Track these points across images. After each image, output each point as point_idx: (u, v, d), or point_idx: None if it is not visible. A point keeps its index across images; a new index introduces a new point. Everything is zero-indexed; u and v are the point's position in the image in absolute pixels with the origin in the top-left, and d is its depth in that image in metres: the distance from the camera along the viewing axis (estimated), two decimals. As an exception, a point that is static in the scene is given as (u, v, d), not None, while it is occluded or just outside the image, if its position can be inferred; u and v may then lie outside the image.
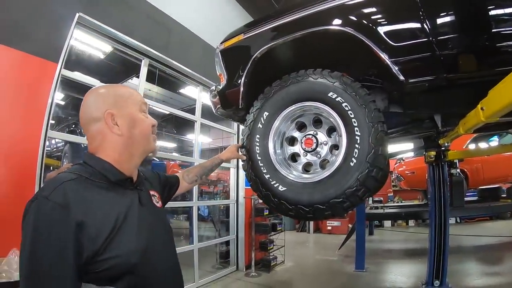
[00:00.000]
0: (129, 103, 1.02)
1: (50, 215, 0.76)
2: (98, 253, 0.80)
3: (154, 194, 1.16)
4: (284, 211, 1.58)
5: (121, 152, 0.98)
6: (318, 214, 1.48)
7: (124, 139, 0.98)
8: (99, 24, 3.33)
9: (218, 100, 2.04)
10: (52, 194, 0.79)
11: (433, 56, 1.37)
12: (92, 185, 0.89)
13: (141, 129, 1.02)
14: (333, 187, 1.44)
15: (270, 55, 1.79)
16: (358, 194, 1.41)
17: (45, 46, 2.84)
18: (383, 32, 1.45)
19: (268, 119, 1.70)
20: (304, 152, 1.69)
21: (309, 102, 1.62)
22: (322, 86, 1.56)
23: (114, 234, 0.84)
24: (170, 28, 4.34)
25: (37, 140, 2.71)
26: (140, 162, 1.07)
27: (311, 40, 1.66)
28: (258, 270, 5.44)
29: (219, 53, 2.03)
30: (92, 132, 0.97)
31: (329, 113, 1.56)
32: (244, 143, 1.78)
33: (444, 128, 2.08)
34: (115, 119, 0.96)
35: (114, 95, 1.01)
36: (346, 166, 1.43)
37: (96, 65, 4.91)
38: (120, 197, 0.94)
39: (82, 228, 0.78)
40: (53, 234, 0.75)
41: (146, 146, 1.05)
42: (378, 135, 1.40)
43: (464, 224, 9.42)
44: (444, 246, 3.96)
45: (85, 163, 0.95)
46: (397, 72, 1.42)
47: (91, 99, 1.00)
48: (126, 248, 0.85)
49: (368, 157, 1.39)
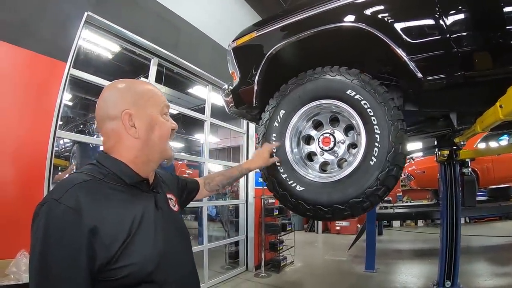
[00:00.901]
0: (149, 103, 0.94)
1: (61, 219, 0.72)
2: (112, 260, 0.75)
3: (171, 197, 1.11)
4: (302, 212, 1.56)
5: (137, 155, 0.91)
6: (337, 214, 1.46)
7: (140, 142, 0.91)
8: (108, 23, 3.33)
9: (231, 99, 2.01)
10: (64, 197, 0.74)
11: (451, 53, 1.34)
12: (106, 188, 0.83)
13: (160, 134, 0.95)
14: (352, 186, 1.42)
15: (284, 53, 1.76)
16: (378, 193, 1.38)
17: (53, 46, 2.83)
18: (401, 29, 1.42)
19: (285, 117, 1.68)
20: (321, 151, 1.66)
21: (326, 100, 1.59)
22: (340, 84, 1.54)
23: (129, 240, 0.79)
24: (179, 27, 4.33)
25: (46, 140, 2.70)
26: (156, 166, 1.01)
27: (326, 37, 1.62)
28: (267, 271, 5.41)
29: (231, 51, 2.00)
30: (107, 130, 0.91)
31: (347, 111, 1.53)
32: (260, 142, 1.75)
33: (460, 126, 2.06)
34: (133, 119, 0.89)
35: (135, 93, 0.93)
36: (366, 165, 1.41)
37: (104, 65, 4.93)
38: (135, 200, 0.88)
39: (95, 234, 0.73)
40: (65, 239, 0.71)
41: (163, 152, 0.98)
42: (398, 134, 1.37)
43: (473, 224, 9.31)
44: (455, 246, 3.90)
45: (98, 163, 0.90)
46: (415, 69, 1.39)
47: (109, 95, 0.92)
48: (142, 255, 0.80)
49: (389, 156, 1.36)
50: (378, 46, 1.46)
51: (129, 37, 3.62)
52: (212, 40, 4.81)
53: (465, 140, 2.47)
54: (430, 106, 1.79)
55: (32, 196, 2.49)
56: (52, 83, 2.80)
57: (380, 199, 1.43)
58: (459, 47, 1.33)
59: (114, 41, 3.65)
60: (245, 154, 5.95)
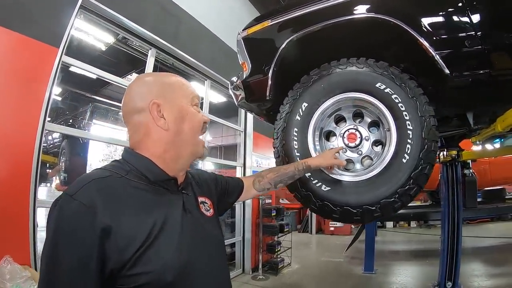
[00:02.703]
0: (178, 94, 0.88)
1: (73, 216, 0.66)
2: (127, 266, 0.68)
3: (205, 200, 0.99)
4: (328, 213, 1.43)
5: (167, 149, 0.84)
6: (367, 215, 1.36)
7: (170, 134, 0.84)
8: (104, 9, 3.13)
9: (241, 91, 1.88)
10: (79, 193, 0.68)
11: (478, 50, 1.31)
12: (127, 185, 0.76)
13: (191, 125, 0.88)
14: (384, 185, 1.33)
15: (301, 44, 1.66)
16: (411, 193, 1.31)
17: (46, 30, 2.64)
18: (429, 22, 1.37)
19: (307, 111, 1.55)
20: (345, 148, 1.54)
21: (352, 93, 1.49)
22: (369, 76, 1.45)
23: (148, 244, 0.71)
24: (180, 18, 4.17)
25: (34, 133, 2.48)
26: (188, 165, 0.93)
27: (345, 29, 1.54)
28: (265, 273, 5.32)
29: (241, 40, 1.88)
30: (134, 124, 0.85)
31: (375, 105, 1.44)
32: (278, 138, 1.62)
33: (476, 126, 1.99)
34: (161, 110, 0.83)
35: (162, 83, 0.88)
36: (398, 163, 1.33)
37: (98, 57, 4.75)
38: (160, 201, 0.80)
39: (109, 235, 0.67)
40: (76, 238, 0.65)
41: (194, 147, 0.90)
42: (431, 130, 1.31)
43: (465, 225, 9.34)
44: (457, 247, 3.91)
45: (123, 159, 0.84)
46: (443, 64, 1.34)
47: (135, 88, 0.87)
48: (162, 262, 0.72)
49: (422, 153, 1.29)
50: (401, 40, 1.42)
51: (126, 25, 3.45)
52: (212, 33, 4.67)
53: (481, 140, 2.41)
54: (449, 105, 1.73)
55: (16, 196, 2.31)
56: (42, 70, 2.59)
57: (411, 199, 1.36)
58: (486, 44, 1.30)
59: (110, 29, 3.46)
60: (242, 152, 5.80)
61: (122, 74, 5.76)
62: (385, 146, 1.44)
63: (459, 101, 1.69)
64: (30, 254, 2.37)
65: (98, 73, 3.33)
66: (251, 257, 5.48)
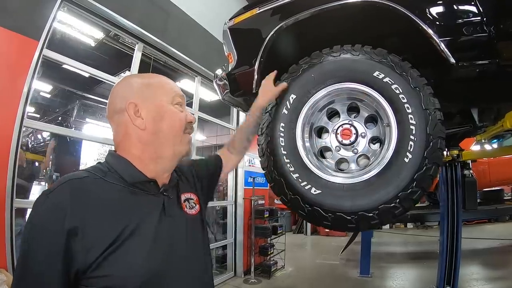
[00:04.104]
0: (158, 92, 0.88)
1: (44, 214, 0.69)
2: (91, 268, 0.68)
3: (190, 196, 0.98)
4: (317, 220, 1.26)
5: (145, 149, 0.84)
6: (363, 223, 1.19)
7: (148, 133, 0.84)
8: (88, 1, 2.99)
9: (226, 84, 1.74)
10: (53, 192, 0.71)
11: (486, 38, 1.20)
12: (102, 187, 0.76)
13: (171, 123, 0.87)
14: (383, 188, 1.16)
15: (291, 32, 1.53)
16: (414, 197, 1.15)
17: (27, 22, 2.52)
18: (432, 8, 1.26)
19: (295, 104, 1.39)
20: (338, 146, 1.38)
21: (347, 83, 1.33)
22: (365, 65, 1.30)
23: (114, 248, 0.70)
24: (168, 11, 4.00)
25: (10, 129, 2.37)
26: (172, 166, 0.91)
27: (337, 16, 1.41)
28: (257, 276, 5.18)
29: (227, 30, 1.75)
30: (115, 124, 0.87)
31: (372, 97, 1.29)
32: (263, 134, 1.46)
33: (481, 123, 1.89)
34: (139, 110, 0.84)
35: (142, 84, 0.88)
36: (399, 163, 1.17)
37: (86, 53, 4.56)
38: (135, 204, 0.79)
39: (75, 235, 0.68)
40: (45, 236, 0.68)
41: (176, 145, 0.88)
42: (437, 125, 1.16)
43: (463, 226, 9.21)
44: (456, 250, 3.84)
45: (105, 161, 0.85)
46: (448, 53, 1.21)
47: (116, 89, 0.89)
48: (126, 268, 0.71)
49: (427, 152, 1.14)
50: (400, 27, 1.32)
51: (112, 18, 3.29)
52: (203, 28, 4.50)
53: (487, 138, 2.29)
54: (453, 99, 1.60)
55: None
56: (24, 66, 2.48)
57: (414, 205, 1.19)
58: (495, 31, 1.19)
59: (95, 22, 3.31)
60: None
61: (116, 72, 5.60)
62: (384, 143, 1.29)
63: (464, 96, 1.58)
64: (7, 256, 2.28)
65: (83, 68, 3.19)
66: (243, 260, 5.35)
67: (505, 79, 1.30)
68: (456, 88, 1.47)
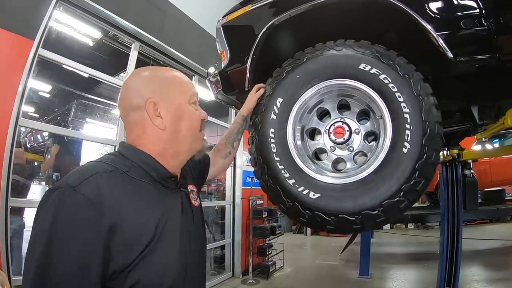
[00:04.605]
0: (176, 91, 0.87)
1: (76, 211, 0.62)
2: (128, 268, 0.64)
3: (192, 188, 0.99)
4: (320, 225, 1.20)
5: (165, 148, 0.83)
6: (368, 222, 1.14)
7: (167, 133, 0.83)
8: (84, 0, 2.98)
9: (219, 82, 1.71)
10: (82, 185, 0.64)
11: (486, 31, 1.16)
12: (130, 182, 0.74)
13: (189, 124, 0.87)
14: (384, 184, 1.12)
15: (283, 29, 1.50)
16: (418, 188, 1.10)
17: (23, 22, 2.53)
18: (430, 2, 1.22)
19: (283, 108, 1.35)
20: (333, 146, 1.34)
21: (333, 80, 1.30)
22: (350, 58, 1.27)
23: (152, 246, 0.68)
24: (165, 10, 3.99)
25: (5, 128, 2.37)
26: (185, 161, 0.91)
27: (331, 11, 1.38)
28: (255, 277, 5.14)
29: (220, 28, 1.73)
30: (130, 121, 0.84)
31: (361, 91, 1.26)
32: (254, 142, 1.42)
33: (481, 121, 1.83)
34: (158, 109, 0.82)
35: (160, 80, 0.86)
36: (398, 154, 1.12)
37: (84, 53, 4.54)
38: (162, 200, 0.79)
39: (116, 234, 0.63)
40: (78, 237, 0.61)
41: (193, 143, 0.89)
42: (431, 110, 1.12)
43: (464, 226, 9.14)
44: (456, 251, 3.80)
45: (120, 154, 0.81)
46: (445, 48, 1.17)
47: (132, 83, 0.86)
48: (163, 266, 0.70)
49: (425, 139, 1.10)
50: (397, 22, 1.28)
51: (108, 16, 3.27)
52: (200, 26, 4.47)
53: (487, 137, 2.25)
54: (451, 96, 1.56)
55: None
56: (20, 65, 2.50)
57: (419, 196, 1.15)
58: (494, 26, 1.15)
59: (91, 21, 3.29)
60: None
61: (115, 71, 5.57)
62: (379, 137, 1.24)
63: (464, 93, 1.54)
64: (1, 255, 2.26)
65: (80, 67, 3.17)
66: (241, 260, 5.33)
67: (505, 75, 1.26)
68: (456, 85, 1.43)
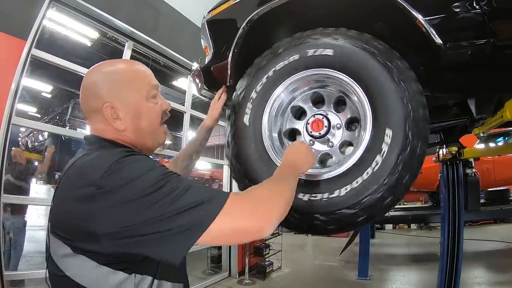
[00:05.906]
0: (132, 89, 0.85)
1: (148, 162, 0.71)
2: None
3: None
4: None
5: (131, 144, 0.86)
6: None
7: (129, 132, 0.85)
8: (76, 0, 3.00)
9: (202, 78, 1.67)
10: (135, 155, 0.75)
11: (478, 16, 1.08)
12: None
13: (148, 120, 0.88)
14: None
15: (266, 21, 1.44)
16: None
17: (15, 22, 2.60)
18: None
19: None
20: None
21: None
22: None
23: None
24: (158, 9, 3.99)
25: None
26: (151, 153, 0.96)
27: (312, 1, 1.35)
28: (252, 277, 5.12)
29: (205, 23, 1.71)
30: (94, 123, 0.86)
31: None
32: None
33: (479, 115, 1.73)
34: (116, 111, 0.82)
35: (114, 79, 0.85)
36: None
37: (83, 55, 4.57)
38: None
39: None
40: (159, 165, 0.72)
41: (155, 138, 0.92)
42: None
43: (467, 227, 9.06)
44: (457, 252, 3.70)
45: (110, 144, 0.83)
46: (433, 34, 1.09)
47: (88, 85, 0.85)
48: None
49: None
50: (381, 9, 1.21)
51: (100, 16, 3.29)
52: (194, 24, 4.43)
53: (486, 131, 2.15)
54: (446, 89, 1.46)
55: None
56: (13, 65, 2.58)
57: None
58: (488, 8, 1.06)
59: (85, 21, 3.30)
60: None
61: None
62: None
63: (458, 85, 1.42)
64: None
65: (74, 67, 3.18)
66: (238, 260, 5.30)
67: (503, 63, 1.15)
68: (450, 75, 1.31)
